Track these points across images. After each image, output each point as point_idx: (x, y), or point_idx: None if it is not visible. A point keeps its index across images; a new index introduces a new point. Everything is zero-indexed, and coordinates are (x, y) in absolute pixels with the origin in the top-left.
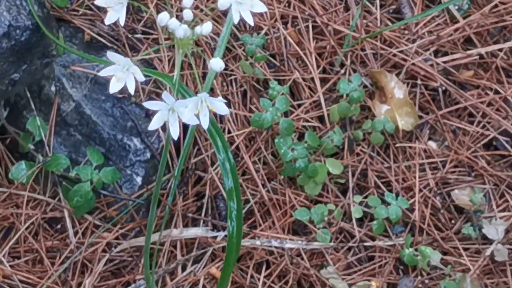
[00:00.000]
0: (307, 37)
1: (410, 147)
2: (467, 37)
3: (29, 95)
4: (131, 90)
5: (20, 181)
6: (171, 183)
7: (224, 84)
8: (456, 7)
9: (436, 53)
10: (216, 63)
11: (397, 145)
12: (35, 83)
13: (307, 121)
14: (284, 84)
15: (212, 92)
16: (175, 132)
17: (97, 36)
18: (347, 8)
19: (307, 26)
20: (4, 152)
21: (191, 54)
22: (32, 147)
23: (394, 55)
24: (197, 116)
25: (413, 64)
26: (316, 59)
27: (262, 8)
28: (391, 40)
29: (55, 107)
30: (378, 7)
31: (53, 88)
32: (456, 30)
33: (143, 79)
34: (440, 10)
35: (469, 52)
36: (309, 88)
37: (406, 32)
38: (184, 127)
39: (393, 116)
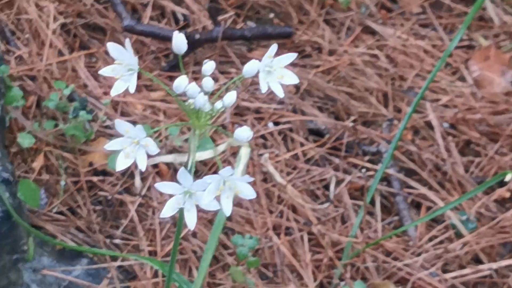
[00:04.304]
0: (303, 248)
1: None
2: (474, 253)
3: None
4: (142, 167)
5: None
6: None
7: None
8: (462, 222)
9: (443, 269)
10: (244, 132)
11: None
12: None
13: None
14: None
15: None
16: (191, 220)
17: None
18: (343, 220)
19: (302, 237)
20: None
21: None
22: None
23: (399, 268)
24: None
25: (419, 278)
26: (313, 272)
27: (293, 79)
28: (394, 253)
29: None
30: (379, 219)
31: None
32: (464, 244)
33: (157, 151)
34: (444, 228)
35: (480, 267)
36: None
37: (411, 244)
38: None
39: None
